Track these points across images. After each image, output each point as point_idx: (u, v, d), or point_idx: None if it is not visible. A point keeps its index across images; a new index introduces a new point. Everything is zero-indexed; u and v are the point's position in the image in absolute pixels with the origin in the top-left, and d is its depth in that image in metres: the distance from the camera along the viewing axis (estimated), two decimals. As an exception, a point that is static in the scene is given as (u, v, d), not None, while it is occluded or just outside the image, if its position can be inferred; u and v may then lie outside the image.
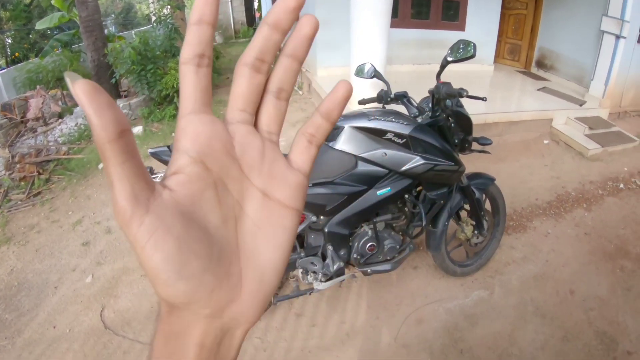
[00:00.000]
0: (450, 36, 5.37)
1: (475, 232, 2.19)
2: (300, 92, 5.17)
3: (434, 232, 2.03)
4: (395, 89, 1.92)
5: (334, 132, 1.68)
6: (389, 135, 1.62)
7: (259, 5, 11.11)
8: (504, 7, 5.29)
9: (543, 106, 3.94)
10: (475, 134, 1.91)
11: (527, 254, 2.53)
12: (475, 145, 1.93)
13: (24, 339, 2.11)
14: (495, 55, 5.65)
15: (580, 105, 3.98)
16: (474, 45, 1.57)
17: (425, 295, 2.21)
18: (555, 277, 2.35)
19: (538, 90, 4.47)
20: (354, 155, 1.64)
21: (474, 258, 2.35)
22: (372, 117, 1.63)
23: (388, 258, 1.90)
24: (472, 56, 1.56)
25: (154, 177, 1.53)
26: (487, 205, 2.33)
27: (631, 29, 3.84)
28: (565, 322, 2.06)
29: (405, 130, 1.61)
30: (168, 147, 1.56)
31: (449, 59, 1.61)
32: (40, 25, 6.93)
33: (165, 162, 1.53)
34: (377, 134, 1.63)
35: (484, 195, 2.24)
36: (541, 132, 3.91)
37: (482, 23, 5.20)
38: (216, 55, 7.48)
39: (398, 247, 1.87)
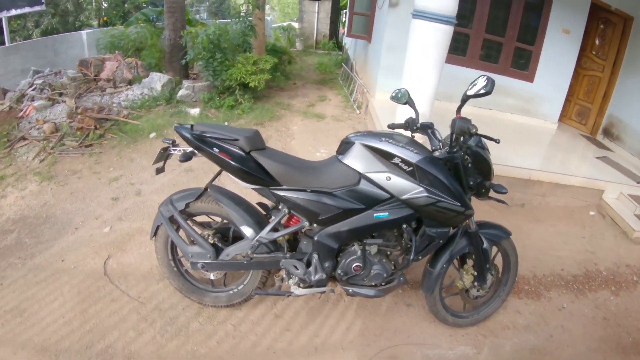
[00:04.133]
0: (517, 85, 5.16)
1: (476, 284, 2.07)
2: (358, 112, 5.22)
3: (431, 273, 1.95)
4: (447, 126, 1.84)
5: (346, 146, 1.70)
6: (396, 160, 1.60)
7: (345, 22, 11.41)
8: (579, 65, 5.00)
9: (596, 175, 3.64)
10: (516, 189, 1.81)
11: (532, 323, 2.33)
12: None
13: (34, 262, 2.35)
14: (562, 114, 5.34)
15: (638, 182, 3.63)
16: (492, 83, 1.57)
17: (409, 334, 2.12)
18: (555, 356, 2.14)
19: (597, 158, 4.15)
20: (358, 173, 1.65)
21: (472, 312, 2.22)
22: (384, 139, 1.63)
23: (373, 284, 1.86)
24: (489, 92, 1.56)
25: (174, 150, 1.64)
26: (499, 261, 2.20)
27: None
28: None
29: (413, 158, 1.59)
30: (191, 125, 1.67)
31: (469, 93, 1.59)
32: None
33: (184, 138, 1.64)
34: (384, 156, 1.62)
35: (496, 249, 2.12)
36: (589, 202, 3.61)
37: (552, 78, 4.95)
38: (289, 60, 7.72)
39: (385, 275, 1.82)
